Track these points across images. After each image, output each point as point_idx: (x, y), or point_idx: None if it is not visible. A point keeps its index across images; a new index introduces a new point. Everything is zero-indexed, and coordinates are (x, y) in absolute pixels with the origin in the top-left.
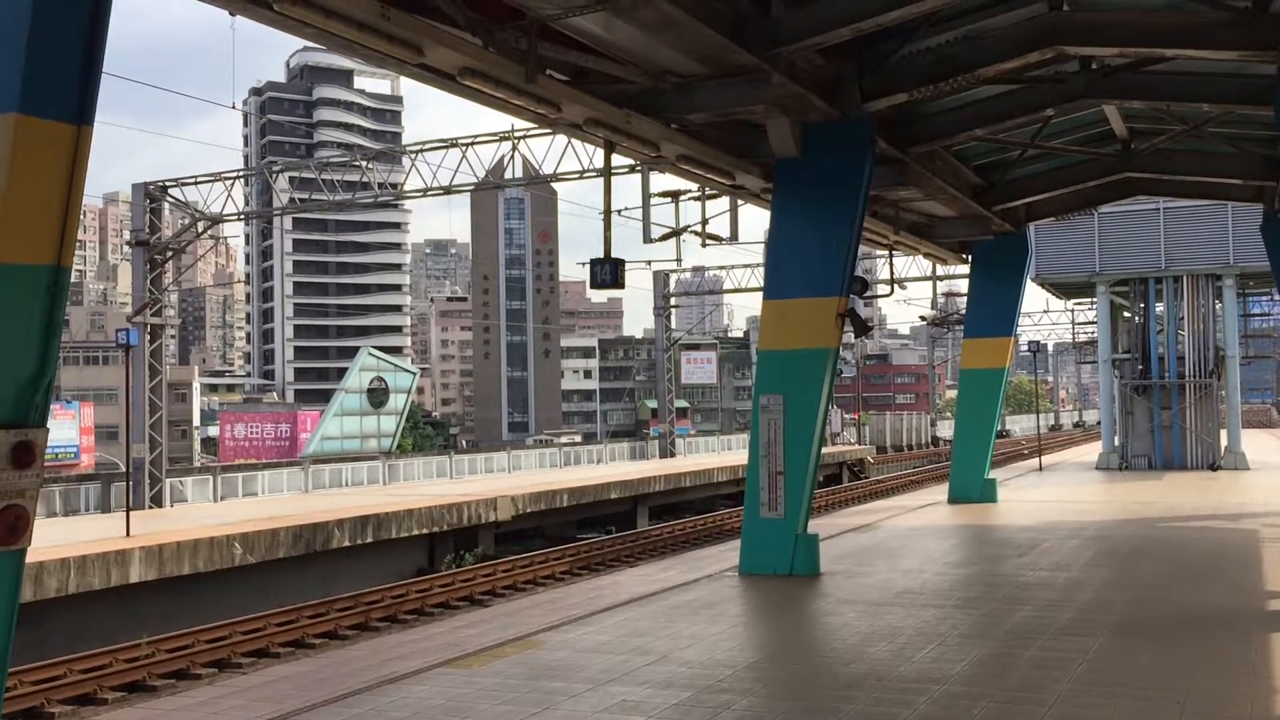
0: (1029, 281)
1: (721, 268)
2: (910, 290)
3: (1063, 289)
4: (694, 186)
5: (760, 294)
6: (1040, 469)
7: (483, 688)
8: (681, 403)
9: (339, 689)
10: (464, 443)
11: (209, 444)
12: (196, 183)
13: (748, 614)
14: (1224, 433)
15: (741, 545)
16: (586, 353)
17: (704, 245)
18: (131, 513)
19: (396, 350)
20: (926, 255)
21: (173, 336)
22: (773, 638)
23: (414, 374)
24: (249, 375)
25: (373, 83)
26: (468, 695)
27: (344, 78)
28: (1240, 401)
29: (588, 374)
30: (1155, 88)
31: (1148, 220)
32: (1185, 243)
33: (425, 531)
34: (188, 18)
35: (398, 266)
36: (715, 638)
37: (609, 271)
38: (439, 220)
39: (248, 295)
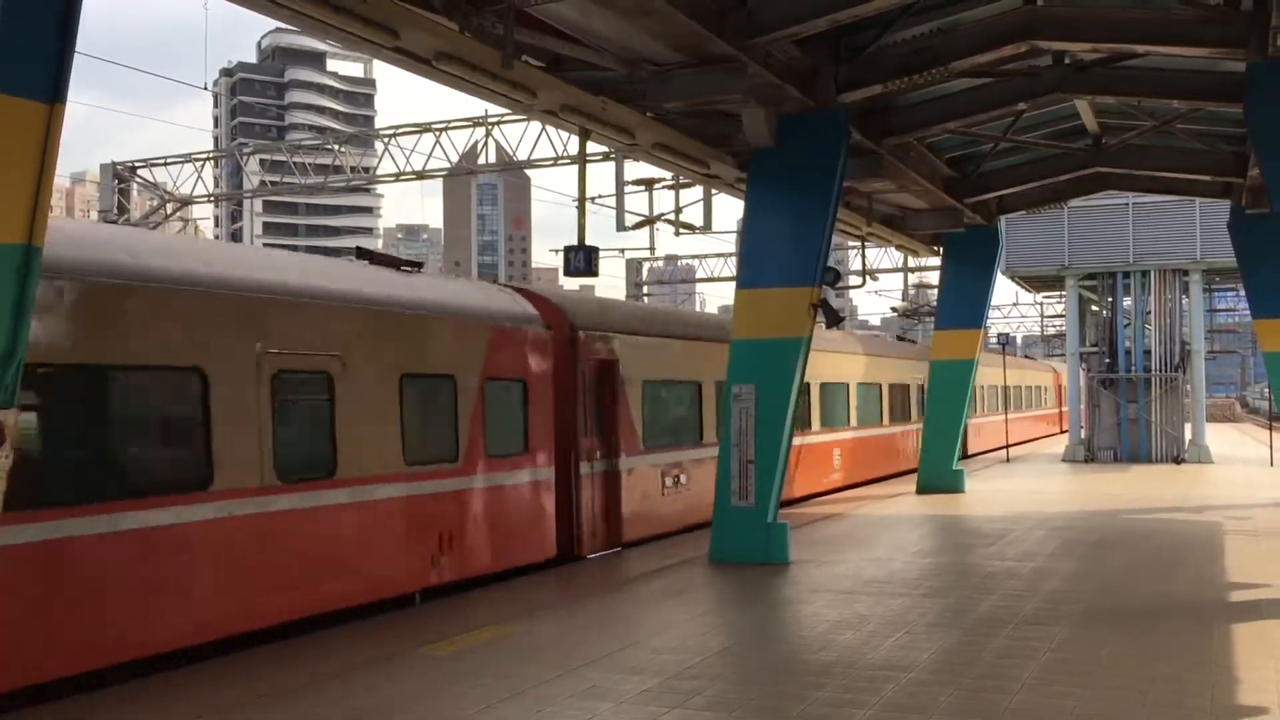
0: (999, 274)
1: (695, 256)
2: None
3: (1032, 282)
4: (668, 175)
5: (733, 283)
6: (1008, 460)
7: (454, 672)
8: None
9: (313, 672)
10: None
11: None
12: (166, 163)
13: (718, 601)
14: (1189, 426)
15: (712, 533)
16: None
17: (678, 234)
18: None
19: None
20: (899, 247)
21: None
22: (742, 625)
23: None
24: None
25: (345, 65)
26: (439, 679)
27: (316, 60)
28: (1205, 395)
29: None
30: (1127, 83)
31: (1117, 215)
32: (1154, 238)
33: None
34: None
35: None
36: (685, 625)
37: (583, 258)
38: (411, 205)
39: None
